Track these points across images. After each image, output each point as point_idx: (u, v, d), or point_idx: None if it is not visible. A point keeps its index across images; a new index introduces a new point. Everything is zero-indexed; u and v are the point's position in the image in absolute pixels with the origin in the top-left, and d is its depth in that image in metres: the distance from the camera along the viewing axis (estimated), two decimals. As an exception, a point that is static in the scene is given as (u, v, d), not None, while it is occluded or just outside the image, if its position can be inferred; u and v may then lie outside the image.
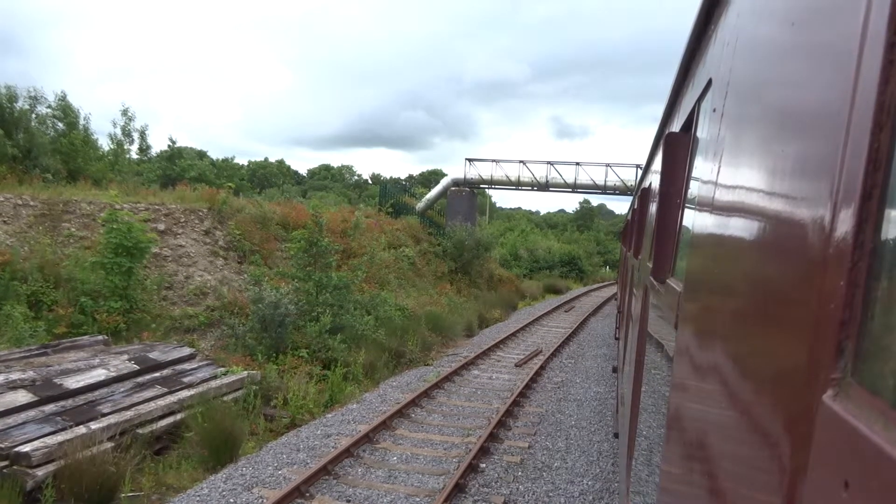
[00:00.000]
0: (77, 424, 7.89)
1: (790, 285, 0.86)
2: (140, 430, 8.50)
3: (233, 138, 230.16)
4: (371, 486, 7.99)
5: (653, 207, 3.94)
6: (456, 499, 7.70)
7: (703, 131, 2.22)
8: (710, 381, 1.28)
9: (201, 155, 62.90)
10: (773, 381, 0.87)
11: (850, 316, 0.65)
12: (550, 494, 8.09)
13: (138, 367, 9.84)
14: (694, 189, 2.27)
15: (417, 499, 7.68)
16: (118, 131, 30.87)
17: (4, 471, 6.92)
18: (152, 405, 9.04)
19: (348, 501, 7.52)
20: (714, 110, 1.83)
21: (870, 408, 0.59)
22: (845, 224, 0.68)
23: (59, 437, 7.49)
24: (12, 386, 8.21)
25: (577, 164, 34.68)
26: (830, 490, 0.62)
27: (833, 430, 0.63)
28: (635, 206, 9.45)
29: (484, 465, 8.85)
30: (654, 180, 4.43)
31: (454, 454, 9.24)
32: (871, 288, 0.64)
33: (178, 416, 9.21)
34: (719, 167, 1.54)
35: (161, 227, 16.66)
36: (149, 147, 34.58)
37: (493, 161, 36.24)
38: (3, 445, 7.06)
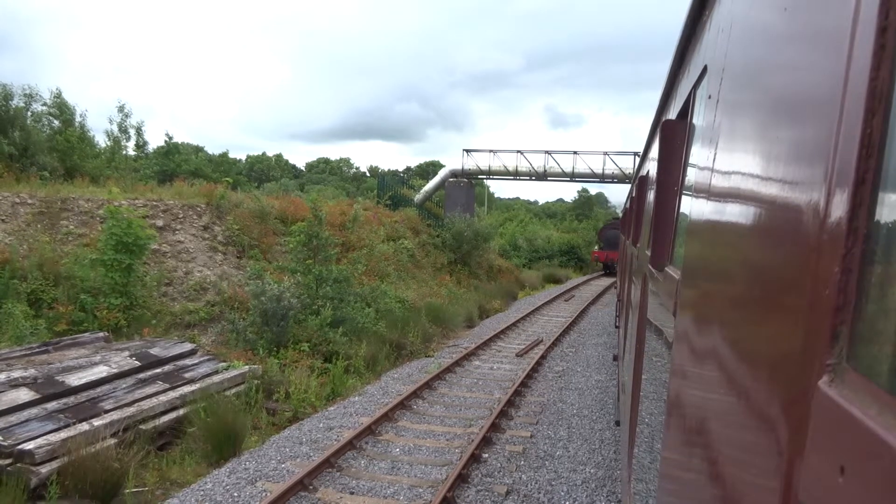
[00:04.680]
0: (80, 421, 7.91)
1: (786, 272, 0.86)
2: (143, 426, 8.52)
3: (229, 133, 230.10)
4: (374, 477, 8.03)
5: (650, 195, 3.94)
6: (459, 489, 7.73)
7: (699, 118, 2.22)
8: (709, 369, 1.29)
9: (197, 150, 62.78)
10: (770, 368, 0.88)
11: (845, 301, 0.65)
12: (553, 483, 8.12)
13: (140, 364, 9.85)
14: (691, 176, 2.27)
15: (420, 489, 7.71)
16: (115, 128, 30.86)
17: (8, 469, 6.94)
18: (154, 401, 9.05)
19: (352, 493, 7.55)
20: (710, 97, 1.83)
21: (865, 393, 0.59)
22: (839, 210, 0.68)
23: (63, 435, 7.51)
24: (14, 384, 8.22)
25: (575, 152, 34.67)
26: (827, 475, 0.62)
27: (829, 415, 0.64)
28: (633, 194, 9.44)
29: (486, 455, 8.88)
30: (651, 168, 4.42)
31: (457, 445, 9.27)
32: (865, 273, 0.64)
33: (181, 412, 9.23)
34: (715, 154, 1.54)
35: (159, 223, 16.65)
36: (145, 143, 34.57)
37: (491, 151, 36.23)
38: (6, 443, 7.08)
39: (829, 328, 0.67)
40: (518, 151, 35.63)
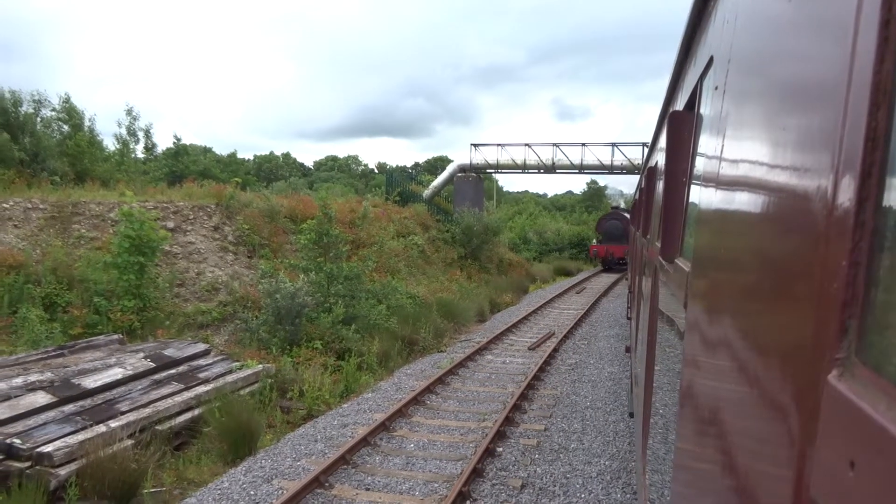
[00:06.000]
0: (97, 423, 7.98)
1: (794, 266, 0.86)
2: (159, 427, 8.58)
3: (237, 133, 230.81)
4: (389, 473, 8.06)
5: (659, 186, 3.93)
6: (474, 483, 7.75)
7: (706, 109, 2.22)
8: (720, 362, 1.29)
9: (206, 151, 62.98)
10: (780, 362, 0.88)
11: (853, 295, 0.65)
12: (568, 476, 8.12)
13: (154, 365, 9.92)
14: (699, 167, 2.26)
15: (436, 484, 7.73)
16: (123, 131, 31.04)
17: (28, 471, 7.02)
18: (170, 402, 9.12)
19: (367, 489, 7.59)
20: (716, 88, 1.82)
21: (874, 387, 0.59)
22: (846, 203, 0.68)
23: (80, 437, 7.58)
24: (31, 387, 8.30)
25: (583, 144, 34.46)
26: (837, 470, 0.62)
27: (838, 410, 0.64)
28: (642, 186, 9.41)
29: (501, 449, 8.90)
30: (659, 159, 4.41)
31: (471, 439, 9.29)
32: (873, 267, 0.64)
33: (196, 412, 9.29)
34: (722, 146, 1.54)
35: (170, 224, 16.74)
36: (154, 145, 34.72)
37: (499, 145, 36.05)
38: (25, 446, 7.15)
39: (838, 322, 0.67)
40: (526, 145, 35.45)
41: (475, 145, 36.04)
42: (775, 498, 0.83)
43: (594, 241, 41.88)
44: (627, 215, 36.93)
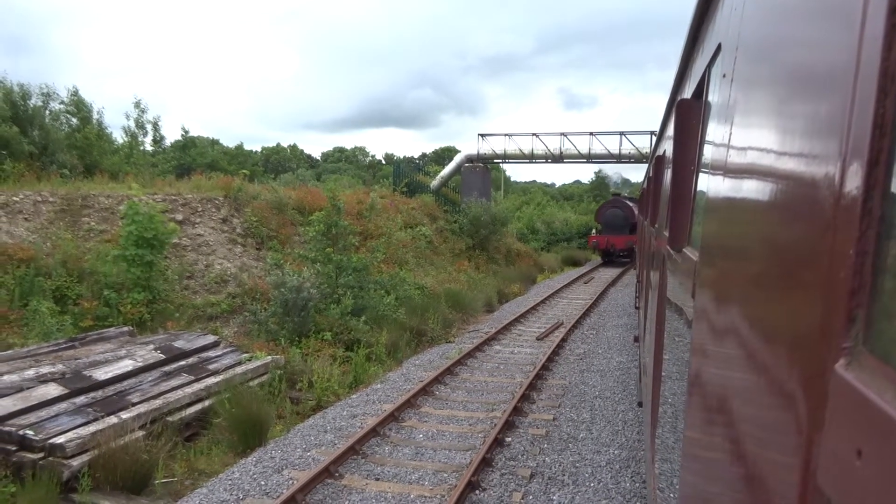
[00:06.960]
0: (108, 414, 8.05)
1: (801, 255, 0.86)
2: (170, 418, 8.65)
3: (244, 125, 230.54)
4: (399, 463, 8.09)
5: (667, 175, 3.92)
6: (483, 473, 7.78)
7: (714, 97, 2.20)
8: (727, 352, 1.29)
9: (213, 143, 63.05)
10: (787, 352, 0.88)
11: (861, 284, 0.65)
12: (577, 465, 8.14)
13: (164, 357, 9.99)
14: (707, 156, 2.25)
15: (445, 474, 7.76)
16: (131, 124, 31.13)
17: (41, 462, 7.09)
18: (180, 393, 9.18)
19: (377, 479, 7.63)
20: (724, 75, 1.81)
21: (881, 377, 0.59)
22: (853, 192, 0.67)
23: (92, 428, 7.65)
24: (43, 379, 8.38)
25: (591, 133, 34.29)
26: (845, 459, 0.62)
27: (845, 399, 0.64)
28: (650, 174, 9.38)
29: (510, 439, 8.92)
30: (667, 148, 4.39)
31: (479, 429, 9.32)
32: (880, 256, 0.64)
33: (206, 403, 9.35)
34: (730, 134, 1.53)
35: (179, 217, 16.80)
36: (162, 138, 34.81)
37: (506, 135, 35.91)
38: (38, 438, 7.23)
39: (846, 311, 0.67)
40: (533, 134, 35.31)
41: (482, 135, 35.91)
42: (783, 486, 0.83)
43: (594, 231, 39.93)
44: (631, 203, 36.48)
